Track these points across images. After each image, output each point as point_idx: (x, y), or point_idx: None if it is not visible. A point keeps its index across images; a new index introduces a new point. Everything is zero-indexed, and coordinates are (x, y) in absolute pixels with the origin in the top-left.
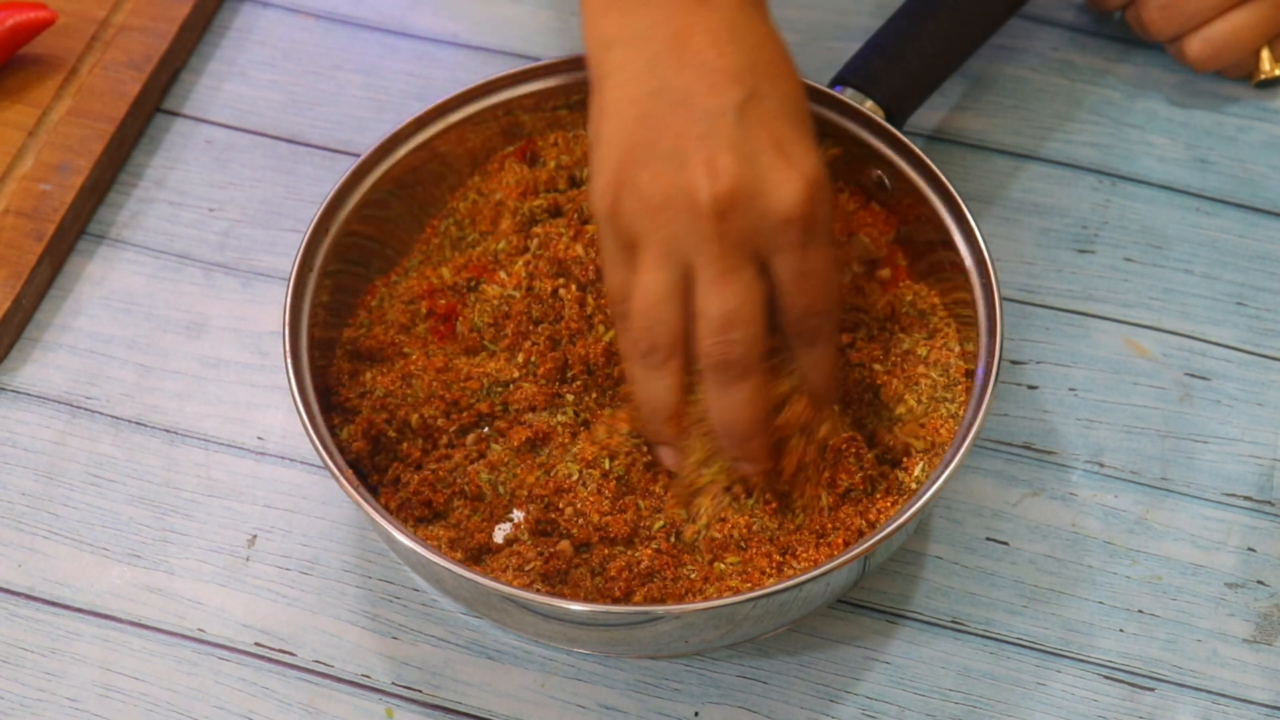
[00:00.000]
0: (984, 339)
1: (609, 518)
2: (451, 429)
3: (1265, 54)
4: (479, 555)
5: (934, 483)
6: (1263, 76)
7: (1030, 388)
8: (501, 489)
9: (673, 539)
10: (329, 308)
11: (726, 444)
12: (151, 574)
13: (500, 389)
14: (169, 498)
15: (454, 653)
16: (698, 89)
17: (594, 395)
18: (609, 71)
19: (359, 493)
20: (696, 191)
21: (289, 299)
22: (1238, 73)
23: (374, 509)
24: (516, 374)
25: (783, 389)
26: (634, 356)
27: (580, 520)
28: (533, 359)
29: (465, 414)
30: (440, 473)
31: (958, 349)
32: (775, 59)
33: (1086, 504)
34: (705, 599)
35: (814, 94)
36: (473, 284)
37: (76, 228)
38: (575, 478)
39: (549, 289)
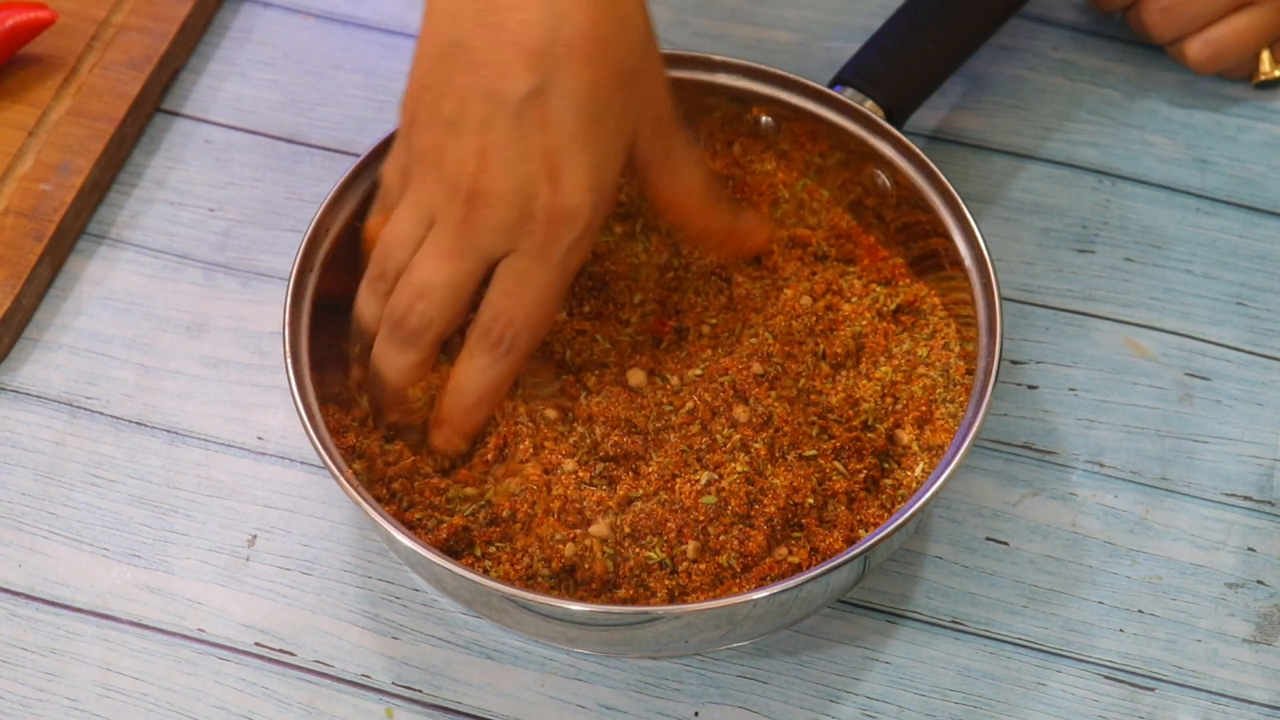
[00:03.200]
0: (984, 339)
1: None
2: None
3: (1265, 55)
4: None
5: (934, 483)
6: (1263, 77)
7: (1030, 388)
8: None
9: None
10: (330, 308)
11: (371, 395)
12: (151, 574)
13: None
14: (169, 498)
15: (454, 653)
16: (489, 61)
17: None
18: (427, 7)
19: (359, 493)
20: (459, 175)
21: (289, 299)
22: (1238, 74)
23: (374, 509)
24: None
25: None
26: (366, 277)
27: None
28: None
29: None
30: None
31: (958, 349)
32: (584, 30)
33: (1086, 504)
34: (707, 597)
35: (814, 94)
36: None
37: (76, 228)
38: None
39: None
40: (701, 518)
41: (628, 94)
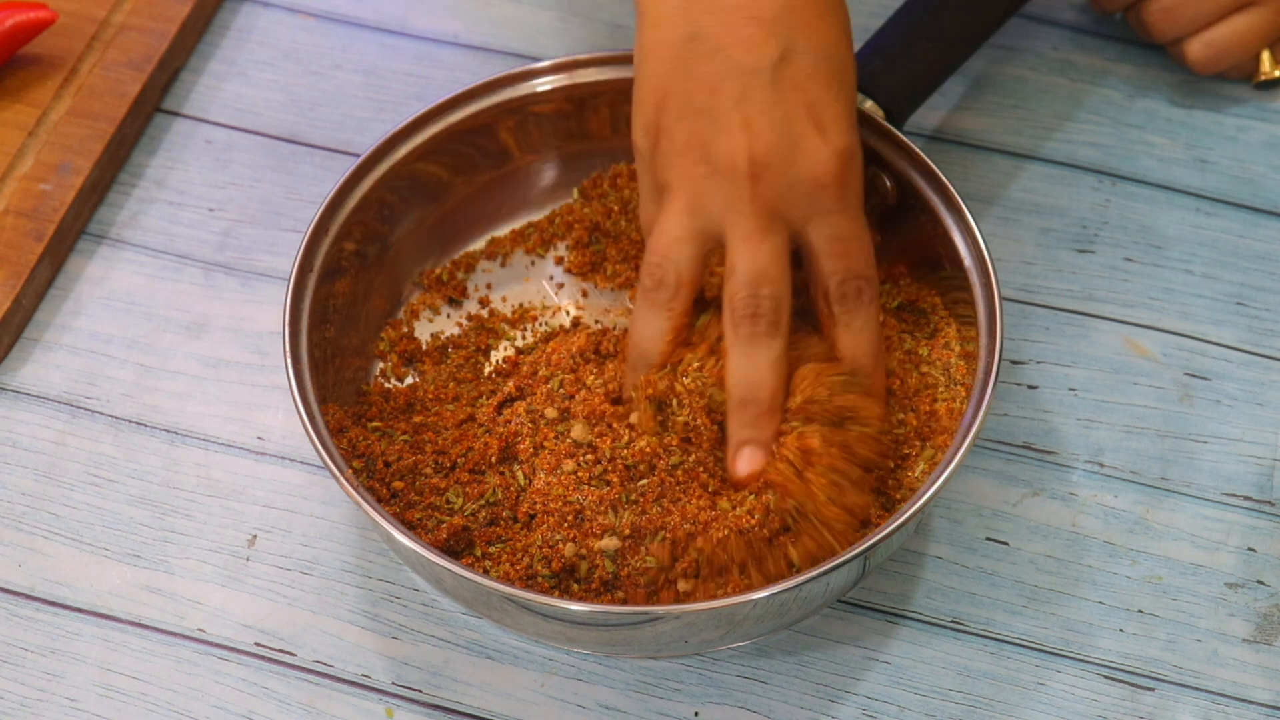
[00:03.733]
0: (984, 339)
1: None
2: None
3: (1266, 55)
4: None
5: (934, 483)
6: (1263, 77)
7: (1030, 388)
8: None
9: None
10: (330, 308)
11: (738, 417)
12: (151, 574)
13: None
14: (169, 498)
15: (454, 653)
16: (732, 41)
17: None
18: (643, 8)
19: (359, 493)
20: (733, 154)
21: (289, 299)
22: (1238, 74)
23: (374, 509)
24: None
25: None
26: (641, 290)
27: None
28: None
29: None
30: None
31: (958, 349)
32: (812, 3)
33: (1086, 504)
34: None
35: None
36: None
37: (76, 228)
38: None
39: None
40: (703, 520)
41: (851, 52)
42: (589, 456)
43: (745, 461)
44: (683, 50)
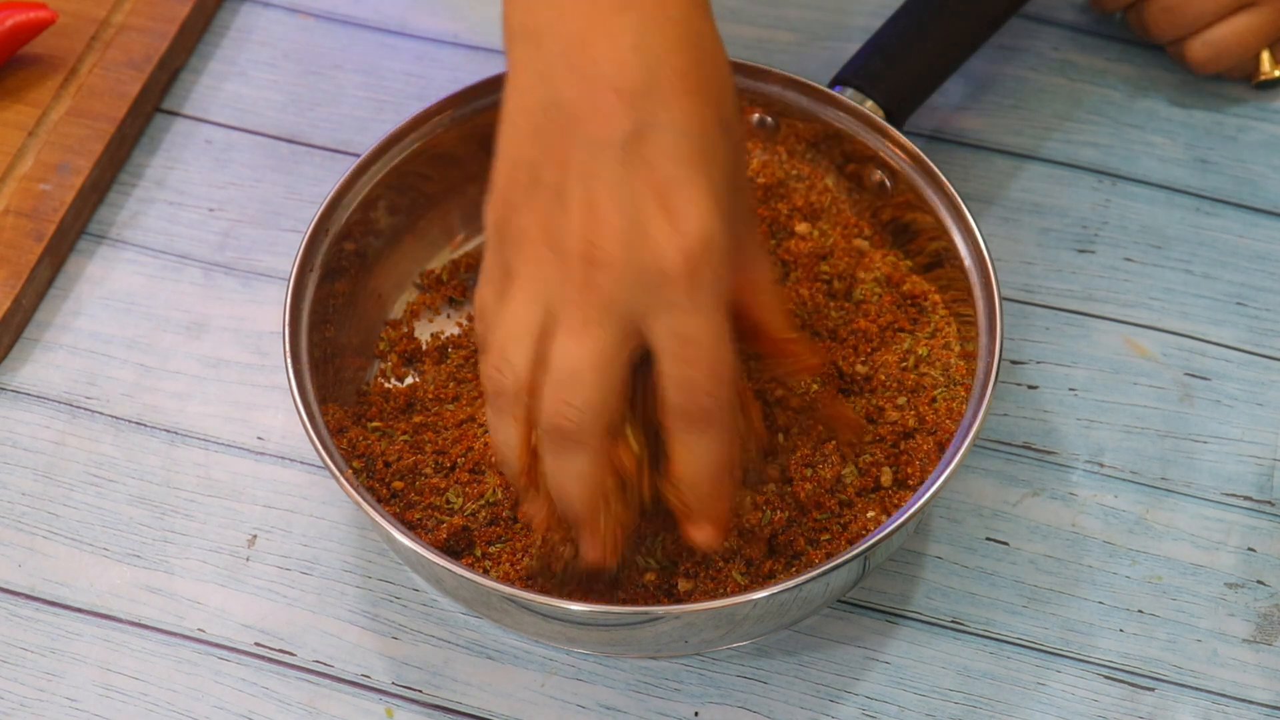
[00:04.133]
0: (984, 339)
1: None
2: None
3: (1266, 55)
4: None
5: (934, 483)
6: (1263, 77)
7: (1030, 388)
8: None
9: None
10: (330, 308)
11: (563, 515)
12: (151, 574)
13: None
14: (169, 498)
15: (454, 653)
16: (587, 111)
17: None
18: (511, 70)
19: (359, 493)
20: (571, 236)
21: (289, 299)
22: (1238, 74)
23: (374, 509)
24: None
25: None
26: (486, 395)
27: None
28: None
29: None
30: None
31: (958, 349)
32: (683, 71)
33: (1086, 504)
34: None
35: (814, 94)
36: None
37: (76, 228)
38: None
39: None
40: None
41: (728, 140)
42: None
43: (584, 549)
44: (540, 119)
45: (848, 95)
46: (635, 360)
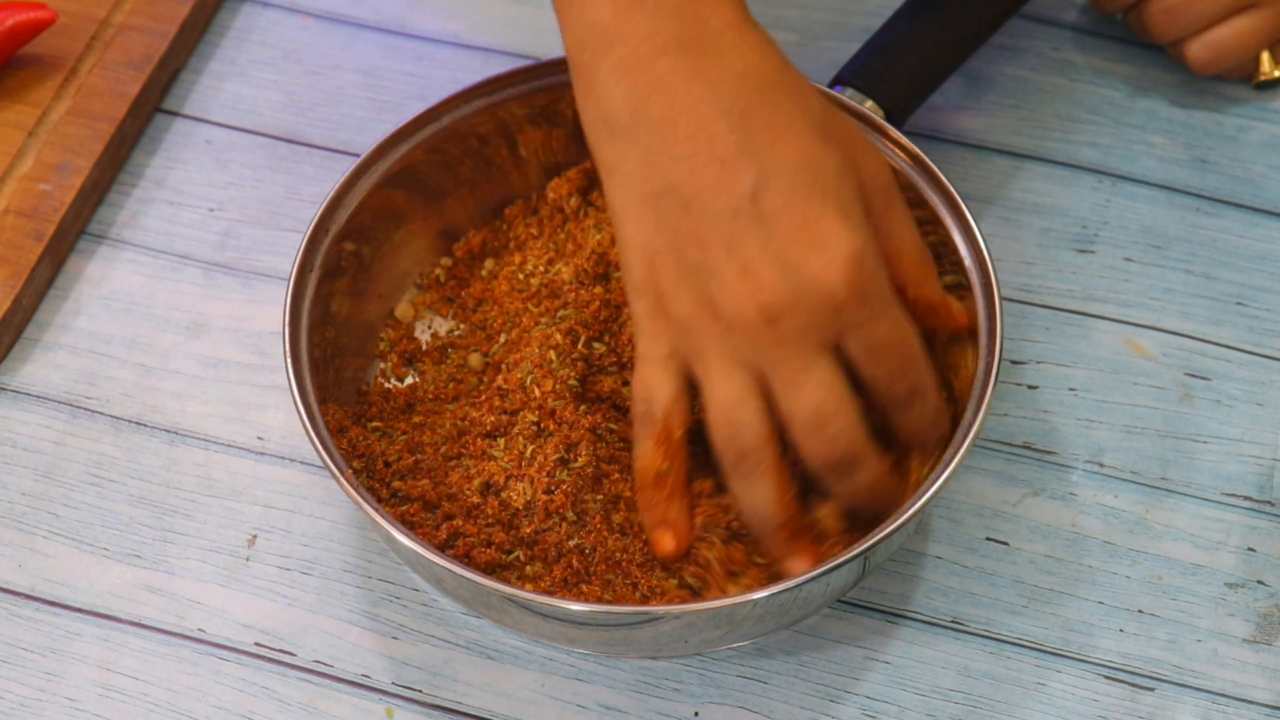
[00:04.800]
0: (984, 339)
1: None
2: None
3: (1265, 56)
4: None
5: (934, 483)
6: (1263, 78)
7: (1030, 388)
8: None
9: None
10: (330, 308)
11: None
12: (151, 574)
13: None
14: (169, 498)
15: (454, 653)
16: (700, 188)
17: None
18: (609, 167)
19: (359, 493)
20: (742, 309)
21: (289, 299)
22: (1237, 74)
23: (374, 509)
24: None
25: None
26: (729, 472)
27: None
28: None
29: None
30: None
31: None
32: (766, 117)
33: (1086, 504)
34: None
35: None
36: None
37: (76, 228)
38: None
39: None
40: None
41: (835, 152)
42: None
43: (797, 565)
44: (657, 207)
45: (848, 95)
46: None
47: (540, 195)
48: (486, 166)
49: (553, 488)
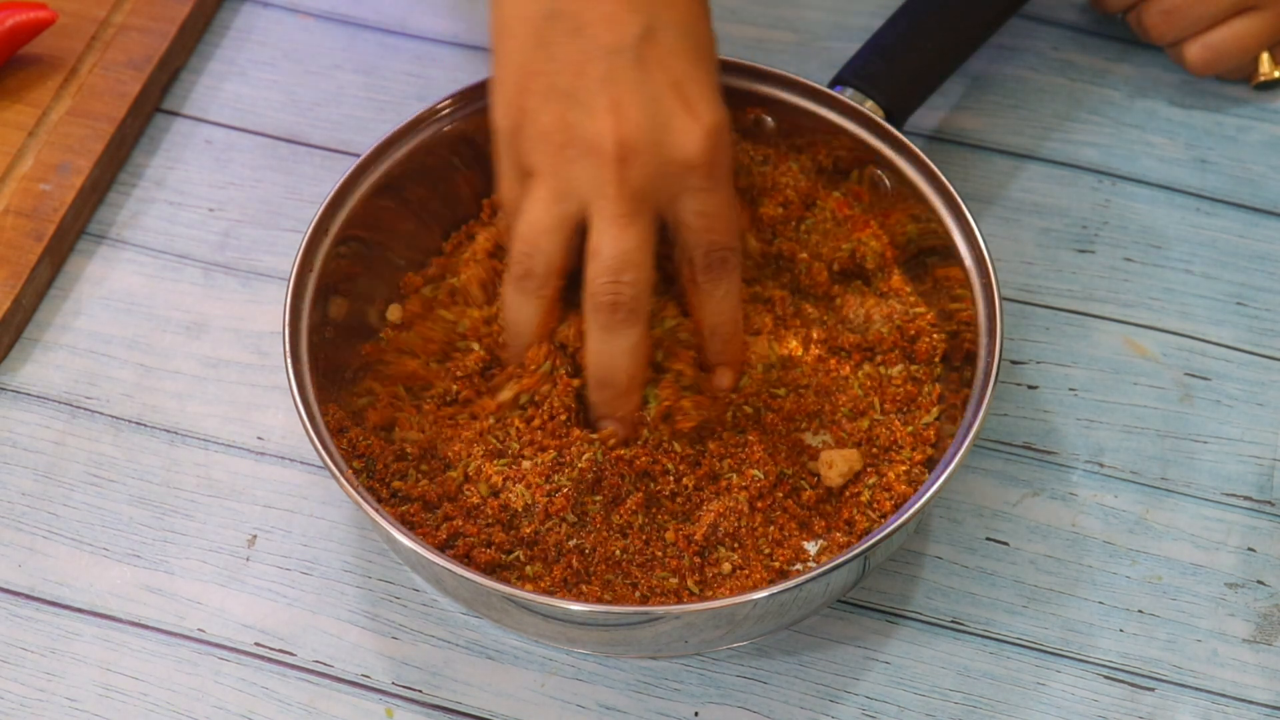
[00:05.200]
0: (984, 339)
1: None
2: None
3: (1265, 56)
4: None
5: (934, 483)
6: (1262, 78)
7: (1030, 388)
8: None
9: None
10: (330, 308)
11: (597, 396)
12: (151, 574)
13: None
14: (169, 498)
15: (454, 653)
16: (593, 18)
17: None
18: None
19: (359, 493)
20: (600, 137)
21: (289, 299)
22: (1236, 75)
23: (374, 509)
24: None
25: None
26: (509, 278)
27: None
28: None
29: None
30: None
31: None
32: None
33: (1086, 504)
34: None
35: (814, 94)
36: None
37: (76, 228)
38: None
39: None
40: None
41: (710, 30)
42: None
43: (611, 429)
44: (543, 27)
45: (848, 95)
46: None
47: None
48: (486, 167)
49: (553, 491)
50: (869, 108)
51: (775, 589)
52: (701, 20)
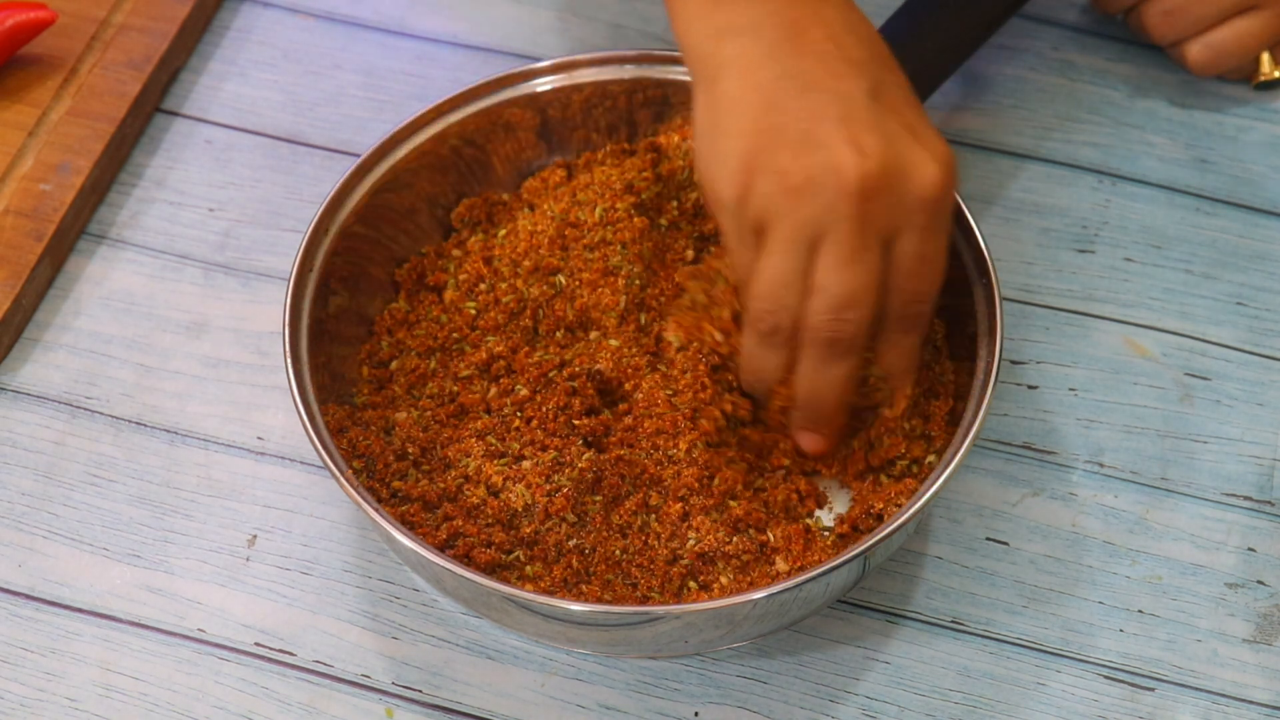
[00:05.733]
0: (984, 339)
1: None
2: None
3: (1265, 57)
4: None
5: (934, 483)
6: (1262, 78)
7: (1030, 388)
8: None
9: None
10: (330, 308)
11: (803, 417)
12: (151, 574)
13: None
14: (169, 498)
15: (454, 653)
16: (823, 75)
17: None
18: (726, 61)
19: (359, 493)
20: (844, 170)
21: (289, 299)
22: (1237, 75)
23: (374, 509)
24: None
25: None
26: (753, 334)
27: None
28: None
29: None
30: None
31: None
32: (887, 53)
33: (1086, 504)
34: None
35: None
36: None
37: (76, 228)
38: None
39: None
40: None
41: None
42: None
43: (807, 441)
44: (774, 89)
45: None
46: None
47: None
48: (485, 167)
49: (553, 491)
50: None
51: (775, 589)
52: (912, 89)
